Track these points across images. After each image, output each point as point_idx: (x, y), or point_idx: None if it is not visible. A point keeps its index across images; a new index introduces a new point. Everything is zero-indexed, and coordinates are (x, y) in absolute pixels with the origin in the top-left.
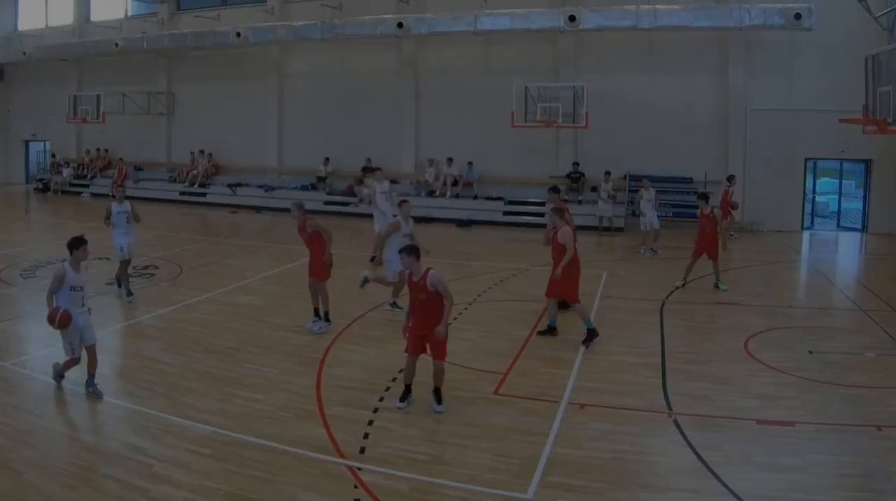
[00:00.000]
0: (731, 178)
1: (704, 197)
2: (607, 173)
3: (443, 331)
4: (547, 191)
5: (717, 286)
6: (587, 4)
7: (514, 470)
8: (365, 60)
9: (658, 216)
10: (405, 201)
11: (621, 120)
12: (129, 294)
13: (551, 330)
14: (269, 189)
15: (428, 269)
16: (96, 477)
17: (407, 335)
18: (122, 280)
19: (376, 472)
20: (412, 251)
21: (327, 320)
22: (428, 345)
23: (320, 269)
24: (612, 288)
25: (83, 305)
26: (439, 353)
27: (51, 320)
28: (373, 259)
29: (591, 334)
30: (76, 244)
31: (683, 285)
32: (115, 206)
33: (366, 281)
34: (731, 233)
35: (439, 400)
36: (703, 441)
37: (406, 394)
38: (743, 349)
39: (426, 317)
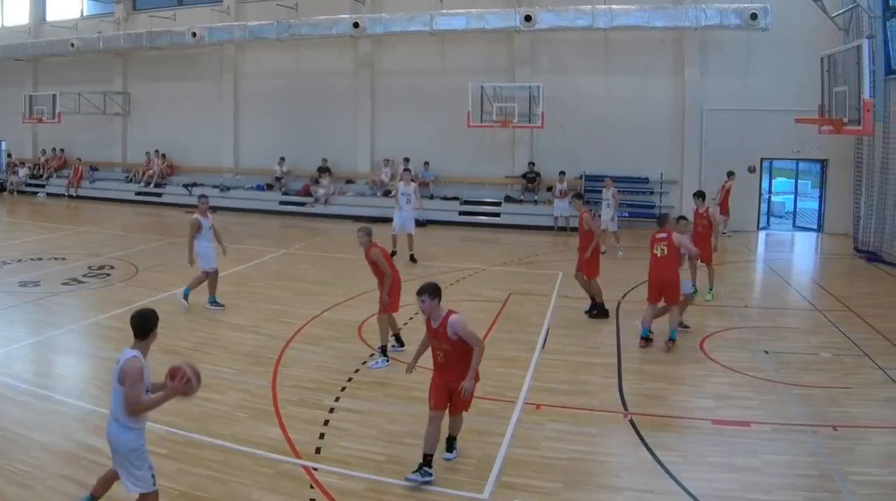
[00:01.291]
0: (731, 174)
1: (700, 195)
2: (562, 173)
3: (469, 387)
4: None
5: (710, 290)
6: (543, 4)
7: (469, 470)
8: (321, 60)
9: (614, 217)
10: (683, 218)
11: (577, 120)
12: (217, 304)
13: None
14: (224, 189)
15: (449, 313)
16: (51, 477)
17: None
18: (211, 290)
19: (332, 472)
20: (432, 292)
21: (383, 354)
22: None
23: (381, 302)
24: (568, 289)
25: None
26: (461, 407)
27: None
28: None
29: (647, 339)
30: (151, 324)
31: (711, 295)
32: (204, 221)
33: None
34: (725, 231)
35: (450, 448)
36: (659, 441)
37: (425, 465)
38: (699, 349)
39: (453, 368)
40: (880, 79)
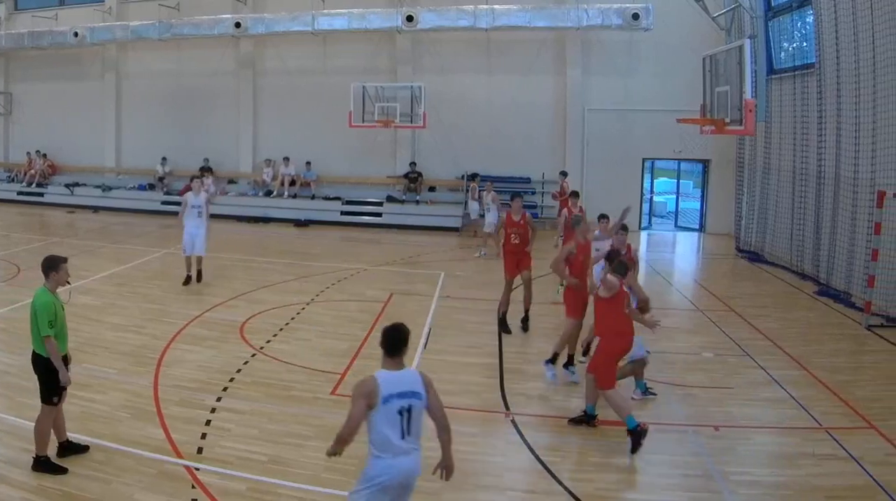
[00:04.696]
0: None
1: (574, 195)
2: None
3: None
4: None
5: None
6: (424, 4)
7: (351, 471)
8: (203, 60)
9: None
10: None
11: (460, 120)
12: None
13: None
14: (106, 189)
15: None
16: None
17: None
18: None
19: (213, 472)
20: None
21: None
22: None
23: None
24: (449, 289)
25: None
26: None
27: None
28: None
29: None
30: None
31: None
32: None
33: None
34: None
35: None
36: (541, 441)
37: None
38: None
39: None
40: (762, 78)
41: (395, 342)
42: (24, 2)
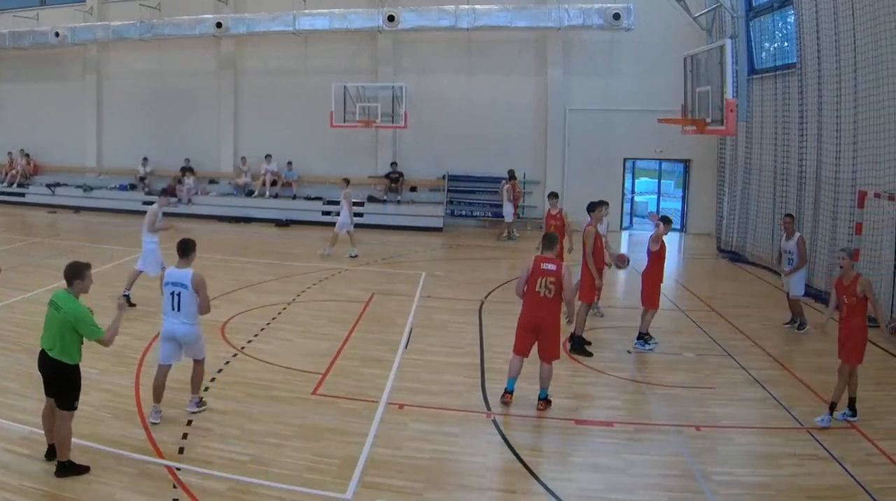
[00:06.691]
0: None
1: (555, 195)
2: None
3: None
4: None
5: None
6: (406, 4)
7: (333, 471)
8: (184, 60)
9: (347, 219)
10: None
11: (440, 120)
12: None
13: None
14: (87, 189)
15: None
16: None
17: None
18: None
19: (195, 472)
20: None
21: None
22: None
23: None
24: (430, 289)
25: None
26: None
27: None
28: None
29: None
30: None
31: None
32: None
33: None
34: (515, 233)
35: None
36: (523, 441)
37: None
38: (562, 349)
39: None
40: (743, 78)
41: (182, 249)
42: (4, 2)
